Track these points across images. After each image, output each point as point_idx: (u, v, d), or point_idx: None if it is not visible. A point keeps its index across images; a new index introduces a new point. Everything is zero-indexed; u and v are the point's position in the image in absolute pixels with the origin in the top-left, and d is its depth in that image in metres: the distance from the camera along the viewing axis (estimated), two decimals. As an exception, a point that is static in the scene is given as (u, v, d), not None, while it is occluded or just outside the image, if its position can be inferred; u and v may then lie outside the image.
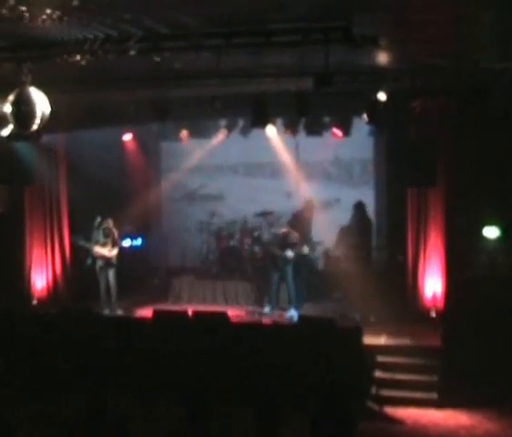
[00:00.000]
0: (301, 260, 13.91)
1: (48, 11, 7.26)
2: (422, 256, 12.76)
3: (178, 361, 10.87)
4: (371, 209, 14.97)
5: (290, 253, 13.47)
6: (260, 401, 5.29)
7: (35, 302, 14.50)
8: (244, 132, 14.93)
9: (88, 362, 11.05)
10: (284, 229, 14.06)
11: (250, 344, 10.85)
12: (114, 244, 13.74)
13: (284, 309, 13.56)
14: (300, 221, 14.88)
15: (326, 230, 15.35)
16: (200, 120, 14.87)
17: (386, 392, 10.52)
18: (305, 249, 13.82)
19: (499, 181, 11.59)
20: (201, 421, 5.12)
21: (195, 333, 11.10)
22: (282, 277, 13.74)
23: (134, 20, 7.97)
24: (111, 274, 13.67)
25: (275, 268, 13.76)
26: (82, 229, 14.29)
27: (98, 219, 13.78)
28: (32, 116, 8.68)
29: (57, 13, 7.36)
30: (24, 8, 7.18)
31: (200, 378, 10.40)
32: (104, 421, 5.51)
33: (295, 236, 13.69)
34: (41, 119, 8.75)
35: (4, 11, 7.22)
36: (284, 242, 13.71)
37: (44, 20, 7.59)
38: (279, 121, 14.17)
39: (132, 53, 8.66)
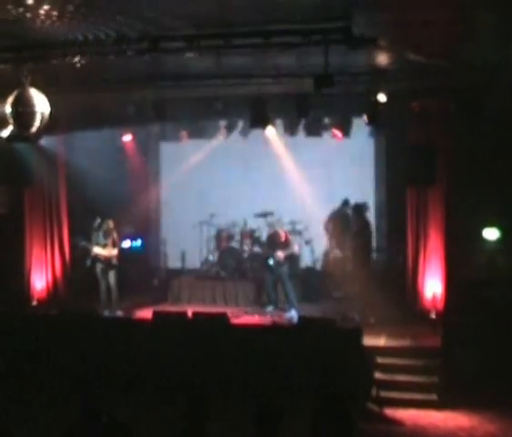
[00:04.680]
0: (292, 260, 13.94)
1: (47, 8, 7.24)
2: (422, 257, 12.75)
3: (177, 362, 10.86)
4: (371, 210, 14.97)
5: (279, 254, 13.49)
6: (259, 402, 5.28)
7: (34, 303, 14.47)
8: (244, 133, 14.92)
9: (88, 364, 11.05)
10: (271, 230, 14.09)
11: (250, 345, 10.84)
12: (114, 245, 13.73)
13: (284, 310, 13.55)
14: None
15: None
16: (200, 121, 14.85)
17: (386, 394, 10.49)
18: (296, 249, 13.84)
19: (499, 182, 11.59)
20: (201, 423, 5.11)
21: (195, 334, 11.09)
22: (277, 278, 13.74)
23: (134, 21, 7.98)
24: (112, 275, 13.66)
25: (268, 269, 13.76)
26: (81, 231, 14.28)
27: (98, 220, 13.77)
28: (31, 117, 8.68)
29: (56, 12, 7.35)
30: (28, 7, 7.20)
31: (200, 379, 10.40)
32: (103, 422, 5.49)
33: (283, 236, 13.70)
34: (41, 120, 8.75)
35: (13, 11, 7.24)
36: (272, 243, 13.74)
37: (43, 20, 7.59)
38: (278, 122, 14.16)
39: (131, 53, 8.67)
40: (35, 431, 9.12)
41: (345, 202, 15.04)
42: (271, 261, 13.57)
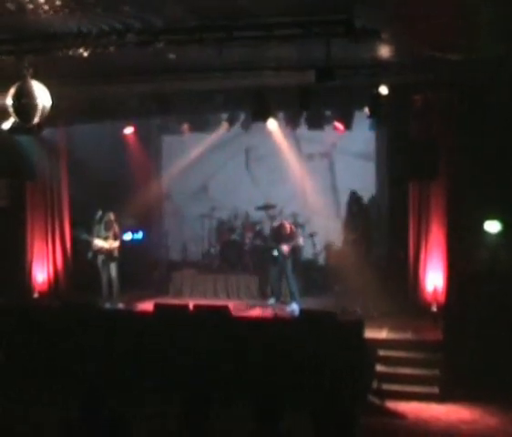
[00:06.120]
0: (295, 253, 13.96)
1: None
2: (423, 250, 12.74)
3: (178, 355, 10.86)
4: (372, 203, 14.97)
5: (285, 247, 13.49)
6: (260, 395, 5.28)
7: (36, 296, 14.50)
8: (245, 126, 14.89)
9: (89, 355, 11.05)
10: (277, 223, 14.08)
11: (252, 338, 10.84)
12: (115, 237, 13.74)
13: (286, 303, 13.55)
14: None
15: (327, 223, 15.38)
16: (202, 114, 14.83)
17: (388, 386, 10.50)
18: (300, 241, 13.85)
19: (501, 175, 11.56)
20: (201, 419, 5.10)
21: (196, 327, 11.08)
22: (281, 271, 13.74)
23: (135, 13, 7.96)
24: (113, 267, 13.69)
25: (273, 262, 13.76)
26: (83, 223, 14.28)
27: (99, 213, 13.78)
28: (33, 109, 8.67)
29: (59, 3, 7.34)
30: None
31: (201, 372, 10.39)
32: (102, 418, 5.48)
33: (288, 229, 13.70)
34: (42, 112, 8.74)
35: (8, 4, 7.23)
36: (277, 236, 13.73)
37: (46, 11, 7.57)
38: (280, 115, 14.14)
39: (131, 45, 8.65)
40: (33, 426, 9.08)
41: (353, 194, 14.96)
42: (275, 253, 13.57)
